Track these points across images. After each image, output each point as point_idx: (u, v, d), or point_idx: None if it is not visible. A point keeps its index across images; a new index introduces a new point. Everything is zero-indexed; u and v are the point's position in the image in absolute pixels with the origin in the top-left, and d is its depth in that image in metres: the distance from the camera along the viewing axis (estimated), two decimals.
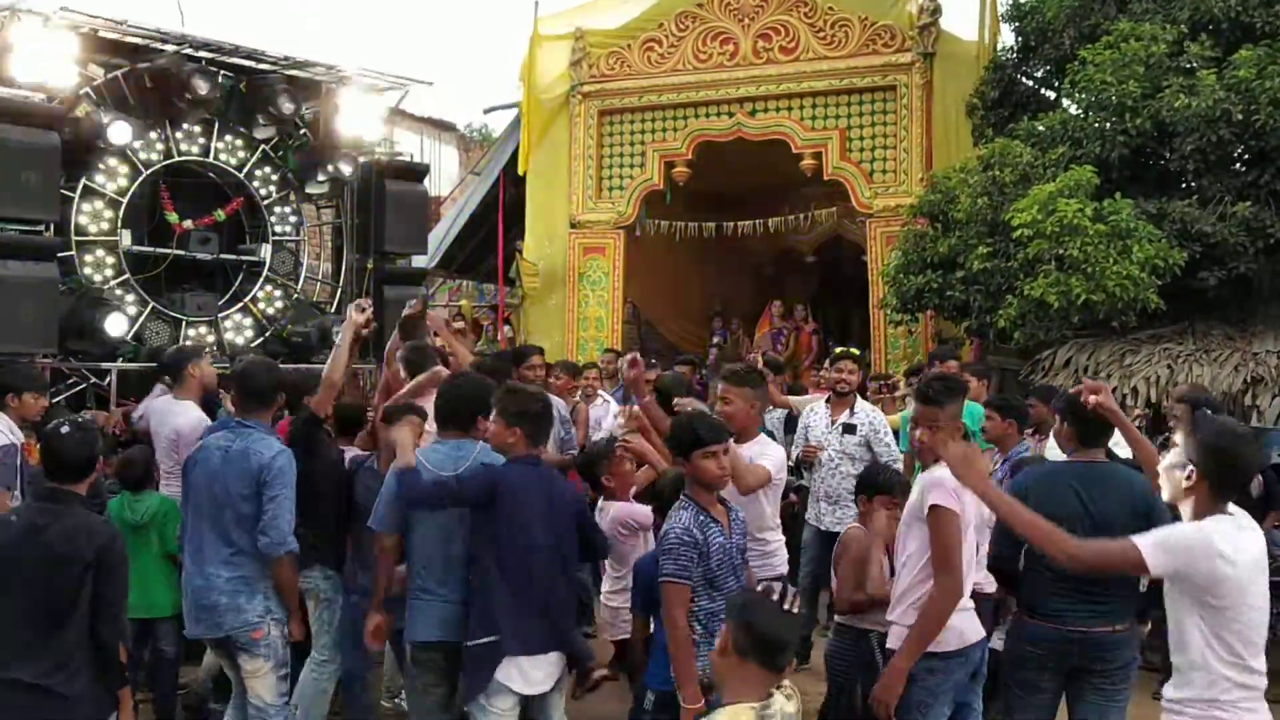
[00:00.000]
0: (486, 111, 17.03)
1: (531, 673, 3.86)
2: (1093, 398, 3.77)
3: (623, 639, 4.64)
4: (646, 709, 3.86)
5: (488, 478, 3.94)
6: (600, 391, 7.80)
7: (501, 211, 13.59)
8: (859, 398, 6.59)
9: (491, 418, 4.03)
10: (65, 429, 3.63)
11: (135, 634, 5.07)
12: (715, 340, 14.05)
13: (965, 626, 3.75)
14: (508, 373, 5.43)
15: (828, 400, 6.59)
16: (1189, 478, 2.98)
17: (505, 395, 4.08)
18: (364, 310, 4.99)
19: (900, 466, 5.75)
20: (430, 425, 4.44)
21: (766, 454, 4.40)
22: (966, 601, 3.79)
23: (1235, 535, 2.90)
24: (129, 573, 3.65)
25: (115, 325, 8.01)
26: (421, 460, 4.05)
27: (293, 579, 4.39)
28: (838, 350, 7.11)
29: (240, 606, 4.22)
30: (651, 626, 4.07)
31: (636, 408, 4.62)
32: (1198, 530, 2.91)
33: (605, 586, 5.00)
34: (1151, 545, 2.91)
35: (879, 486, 4.51)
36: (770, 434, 5.88)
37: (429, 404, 4.50)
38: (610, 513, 4.71)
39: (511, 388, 4.22)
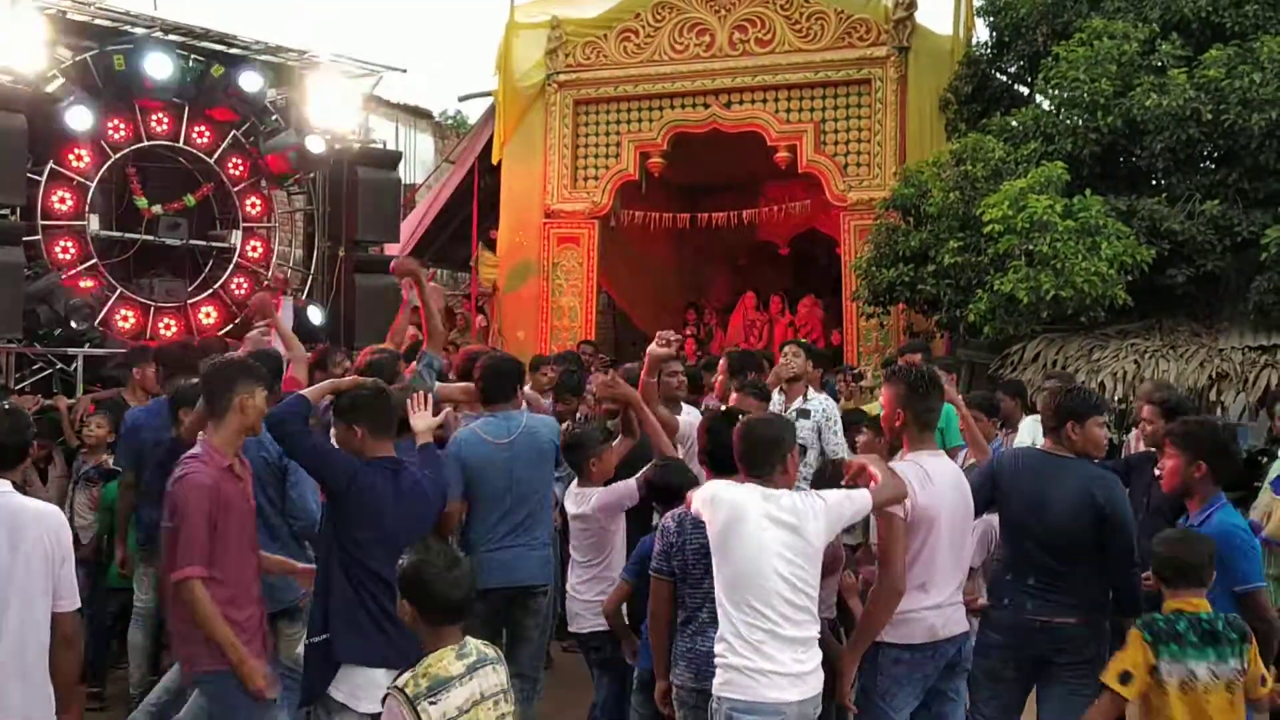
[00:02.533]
0: (462, 99, 16.91)
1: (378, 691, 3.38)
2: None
3: (597, 631, 4.53)
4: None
5: (348, 464, 3.74)
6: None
7: (476, 200, 13.52)
8: (821, 386, 6.64)
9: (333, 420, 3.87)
10: None
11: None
12: (689, 331, 14.04)
13: (937, 621, 3.75)
14: (393, 373, 5.14)
15: (780, 388, 6.63)
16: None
17: (342, 396, 3.89)
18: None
19: (844, 457, 5.73)
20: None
21: None
22: (949, 597, 3.79)
23: (733, 492, 3.45)
24: None
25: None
26: (479, 431, 4.65)
27: None
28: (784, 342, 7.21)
29: (290, 584, 4.52)
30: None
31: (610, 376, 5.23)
32: (724, 487, 3.53)
33: (573, 578, 4.81)
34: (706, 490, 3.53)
35: (827, 485, 4.50)
36: None
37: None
38: (593, 500, 4.55)
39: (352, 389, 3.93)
